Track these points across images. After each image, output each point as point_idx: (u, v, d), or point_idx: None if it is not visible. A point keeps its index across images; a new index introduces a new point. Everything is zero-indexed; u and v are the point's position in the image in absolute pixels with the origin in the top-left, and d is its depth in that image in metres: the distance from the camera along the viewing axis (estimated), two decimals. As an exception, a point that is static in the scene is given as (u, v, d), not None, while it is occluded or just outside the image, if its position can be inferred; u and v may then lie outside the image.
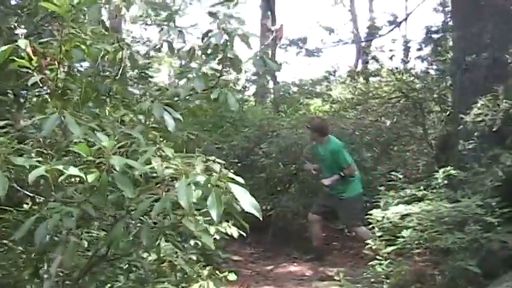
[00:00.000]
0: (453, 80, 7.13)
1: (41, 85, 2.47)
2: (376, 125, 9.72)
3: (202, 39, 2.87)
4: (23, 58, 2.42)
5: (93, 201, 1.97)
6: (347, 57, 32.38)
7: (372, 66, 10.95)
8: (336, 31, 15.54)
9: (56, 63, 2.48)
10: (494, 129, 5.09)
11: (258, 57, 2.86)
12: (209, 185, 1.86)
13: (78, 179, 2.02)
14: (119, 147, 1.92)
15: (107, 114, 2.70)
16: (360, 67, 15.93)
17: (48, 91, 2.48)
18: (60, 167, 1.81)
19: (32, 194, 1.99)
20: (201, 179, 1.92)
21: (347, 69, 12.84)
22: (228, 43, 2.78)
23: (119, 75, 2.75)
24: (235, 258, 7.38)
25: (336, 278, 5.40)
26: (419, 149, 9.63)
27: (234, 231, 4.35)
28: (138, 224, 2.25)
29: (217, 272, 3.20)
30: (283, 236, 8.10)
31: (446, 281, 4.57)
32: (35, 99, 2.73)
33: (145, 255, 2.85)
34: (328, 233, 8.09)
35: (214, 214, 1.82)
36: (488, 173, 4.90)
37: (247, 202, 1.85)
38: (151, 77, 7.71)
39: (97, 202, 1.96)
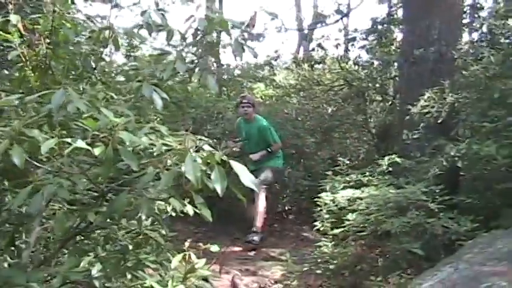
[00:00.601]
0: (400, 72, 7.39)
1: (23, 60, 2.46)
2: (318, 112, 9.95)
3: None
4: (8, 33, 2.42)
5: (98, 173, 2.01)
6: (289, 43, 32.65)
7: (316, 53, 11.08)
8: (279, 17, 15.62)
9: (43, 39, 2.47)
10: (439, 121, 5.34)
11: (236, 43, 2.89)
12: (211, 161, 1.94)
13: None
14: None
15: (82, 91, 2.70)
16: (301, 53, 16.12)
17: (31, 67, 2.47)
18: (69, 140, 1.84)
19: (42, 166, 2.00)
20: (197, 156, 1.99)
21: (290, 55, 12.98)
22: (208, 29, 2.83)
23: (103, 54, 2.77)
24: (179, 237, 7.38)
25: (283, 258, 5.56)
26: (360, 137, 9.92)
27: (189, 209, 4.37)
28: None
29: (199, 244, 3.25)
30: (225, 217, 8.16)
31: (388, 263, 4.78)
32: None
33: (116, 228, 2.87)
34: (268, 215, 8.24)
35: (219, 189, 1.90)
36: (432, 162, 5.15)
37: (247, 178, 1.94)
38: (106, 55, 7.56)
39: (103, 174, 2.00)
